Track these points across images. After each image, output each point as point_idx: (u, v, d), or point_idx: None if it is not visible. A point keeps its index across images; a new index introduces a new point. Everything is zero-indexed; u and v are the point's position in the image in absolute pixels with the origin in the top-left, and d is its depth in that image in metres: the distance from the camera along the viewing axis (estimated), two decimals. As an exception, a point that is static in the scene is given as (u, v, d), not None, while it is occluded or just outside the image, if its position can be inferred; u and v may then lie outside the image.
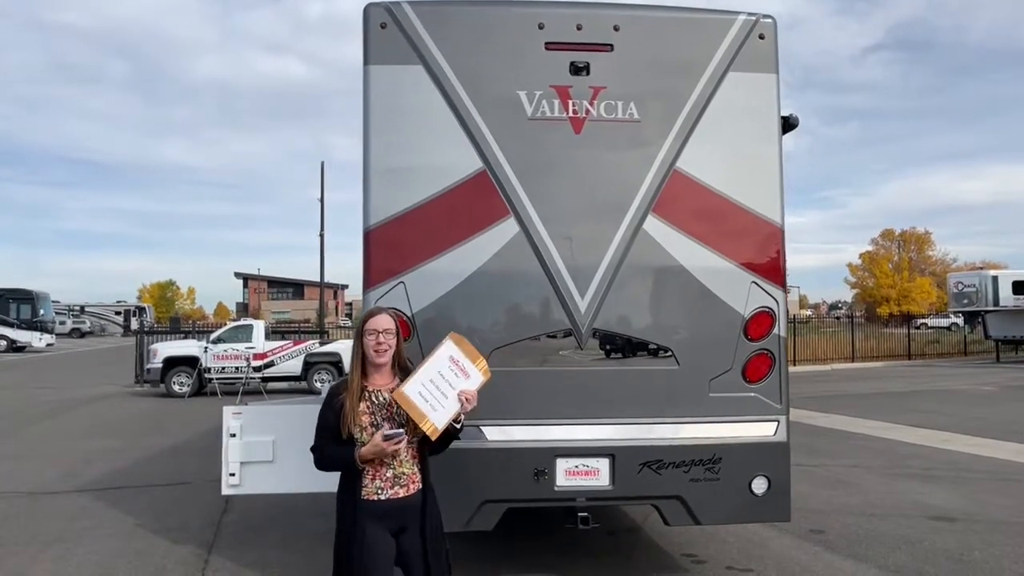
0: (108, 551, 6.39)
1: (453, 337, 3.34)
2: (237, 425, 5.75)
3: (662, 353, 4.98)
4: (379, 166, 4.94)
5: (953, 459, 10.22)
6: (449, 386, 3.30)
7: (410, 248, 4.88)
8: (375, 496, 3.37)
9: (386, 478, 3.39)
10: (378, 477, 3.38)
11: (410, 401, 3.26)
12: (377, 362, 3.44)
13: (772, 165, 5.12)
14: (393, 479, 3.40)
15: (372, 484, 3.38)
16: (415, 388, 3.27)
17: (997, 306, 28.29)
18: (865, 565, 5.79)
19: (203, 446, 11.52)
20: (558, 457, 4.85)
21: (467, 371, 3.33)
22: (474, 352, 3.38)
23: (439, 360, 3.30)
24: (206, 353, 19.11)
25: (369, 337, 3.43)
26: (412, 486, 3.44)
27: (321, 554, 6.16)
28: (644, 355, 5.00)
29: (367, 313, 3.56)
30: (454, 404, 3.32)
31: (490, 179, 4.90)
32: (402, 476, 3.42)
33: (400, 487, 3.41)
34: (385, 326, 3.44)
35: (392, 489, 3.39)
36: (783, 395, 5.06)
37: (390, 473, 3.39)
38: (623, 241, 4.92)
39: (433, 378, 3.28)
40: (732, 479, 4.94)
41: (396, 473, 3.40)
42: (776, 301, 5.06)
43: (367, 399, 3.41)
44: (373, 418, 3.39)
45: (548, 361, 4.95)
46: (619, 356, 5.01)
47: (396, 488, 3.40)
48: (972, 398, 17.61)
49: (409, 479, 3.44)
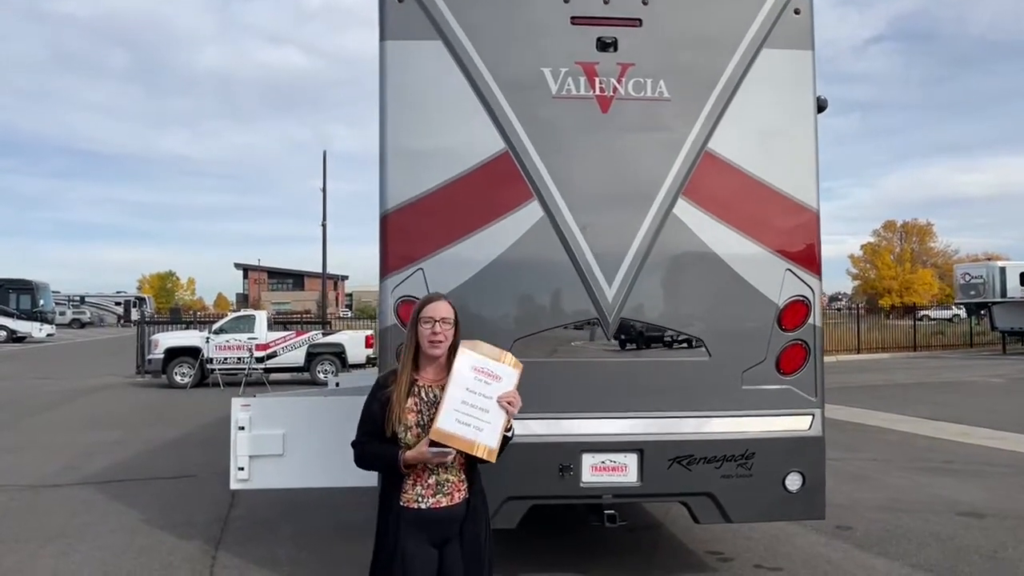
0: (112, 547, 6.18)
1: (466, 345, 3.03)
2: (246, 418, 5.54)
3: (693, 344, 4.76)
4: (396, 147, 4.71)
5: (972, 452, 10.02)
6: (484, 398, 2.97)
7: (429, 233, 4.65)
8: (415, 504, 3.06)
9: (428, 484, 3.06)
10: (420, 483, 3.06)
11: (450, 435, 2.92)
12: (431, 354, 3.10)
13: (808, 146, 4.88)
14: (436, 486, 3.07)
15: (413, 490, 3.07)
16: (450, 419, 2.92)
17: (1004, 297, 28.05)
18: (897, 563, 5.58)
19: (207, 438, 11.33)
20: (584, 452, 4.64)
21: (496, 373, 3.01)
22: (494, 351, 3.07)
23: (461, 376, 2.96)
24: (208, 344, 18.89)
25: (425, 326, 3.09)
26: (457, 495, 3.10)
27: (333, 551, 5.98)
28: (674, 346, 4.78)
29: (424, 299, 3.21)
30: (498, 415, 2.99)
31: (513, 161, 4.67)
32: (446, 483, 3.08)
33: (443, 496, 3.08)
34: (443, 314, 3.10)
35: (434, 498, 3.06)
36: (818, 388, 4.84)
37: (432, 479, 3.06)
38: (652, 226, 4.69)
39: (464, 398, 2.94)
40: (765, 475, 4.73)
41: (439, 480, 3.07)
42: (812, 289, 4.84)
43: (416, 394, 3.09)
44: (420, 417, 3.05)
45: (573, 352, 4.72)
46: (647, 347, 4.78)
47: (439, 496, 3.07)
48: (982, 390, 17.42)
49: (454, 487, 3.09)
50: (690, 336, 4.76)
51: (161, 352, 19.14)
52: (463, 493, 3.11)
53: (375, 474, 4.68)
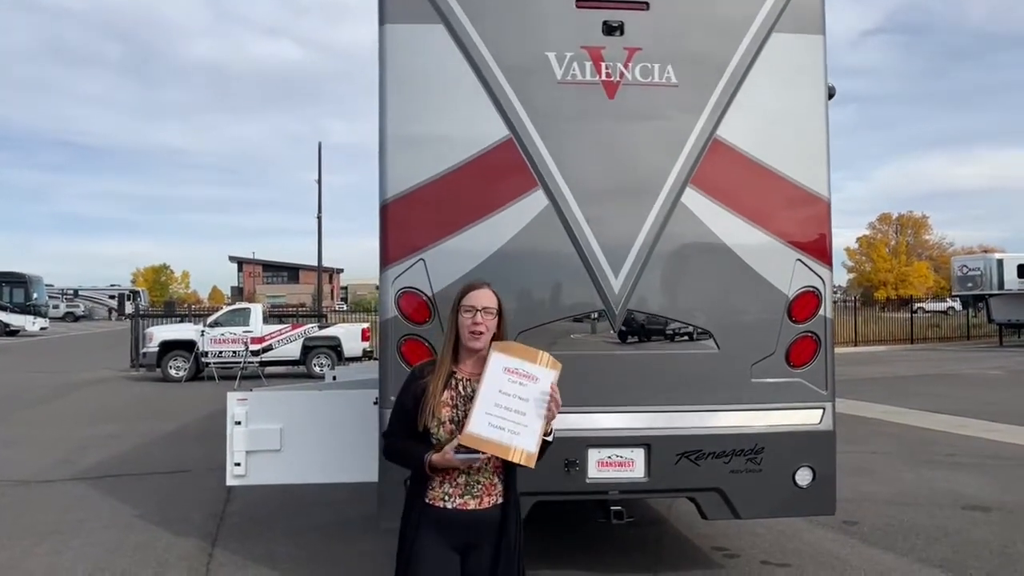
0: (106, 544, 6.06)
1: (497, 347, 2.83)
2: (242, 412, 5.43)
3: (701, 336, 4.65)
4: (396, 134, 4.58)
5: (974, 445, 9.95)
6: (520, 400, 2.76)
7: (431, 223, 4.52)
8: (440, 503, 2.85)
9: (456, 483, 2.85)
10: (448, 481, 2.85)
11: (483, 439, 2.71)
12: (471, 346, 2.88)
13: (819, 134, 4.76)
14: (464, 487, 2.85)
15: (440, 488, 2.86)
16: (483, 422, 2.72)
17: (1002, 290, 28.04)
18: (906, 559, 5.49)
19: (203, 431, 11.21)
20: (590, 447, 4.53)
21: (531, 374, 2.79)
22: (529, 351, 2.85)
23: (494, 377, 2.77)
24: (203, 337, 18.75)
25: (466, 315, 2.87)
26: (487, 499, 2.86)
27: (332, 548, 5.87)
28: (682, 338, 4.66)
29: (466, 286, 2.98)
30: (536, 417, 2.77)
31: (516, 148, 4.54)
32: (475, 485, 2.85)
33: (472, 497, 2.85)
34: (485, 303, 2.88)
35: (461, 498, 2.84)
36: (829, 381, 4.74)
37: (462, 478, 2.84)
38: (660, 215, 4.57)
39: (498, 401, 2.74)
40: (775, 470, 4.63)
41: (469, 480, 2.84)
42: (823, 280, 4.73)
43: (453, 387, 2.89)
44: (455, 412, 2.84)
45: (579, 345, 4.61)
46: (655, 339, 4.67)
47: (466, 498, 2.85)
48: (981, 382, 17.37)
49: (484, 489, 2.86)
50: (698, 328, 4.65)
51: (156, 345, 19.00)
52: (495, 497, 2.89)
53: (375, 470, 4.58)
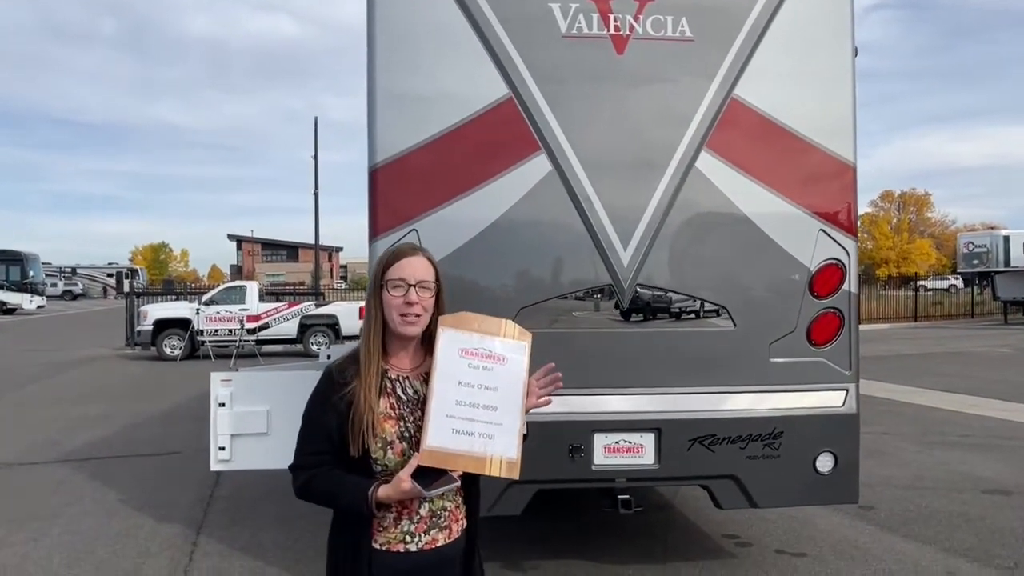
0: (87, 531, 5.77)
1: (446, 322, 2.11)
2: (227, 394, 5.10)
3: (716, 313, 4.31)
4: (386, 93, 4.21)
5: (987, 425, 9.66)
6: (487, 390, 2.08)
7: (424, 189, 4.17)
8: (400, 546, 2.10)
9: (419, 516, 2.12)
10: (406, 515, 2.11)
11: (450, 453, 2.02)
12: (403, 332, 2.12)
13: (844, 93, 4.39)
14: (430, 519, 2.13)
15: (397, 528, 2.10)
16: (444, 430, 2.03)
17: (1008, 267, 27.68)
18: (930, 548, 5.20)
19: (195, 412, 10.87)
20: (596, 432, 4.21)
21: (495, 353, 2.10)
22: (488, 321, 2.13)
23: (449, 365, 2.07)
24: (198, 315, 18.43)
25: (394, 292, 2.10)
26: (455, 526, 2.18)
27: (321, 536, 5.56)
28: (696, 315, 4.33)
29: (390, 253, 2.17)
30: (512, 411, 2.08)
31: (517, 108, 4.17)
32: (442, 513, 2.15)
33: (440, 530, 2.14)
34: (420, 275, 2.11)
35: (428, 534, 2.12)
36: (853, 360, 4.41)
37: (425, 510, 2.12)
38: (672, 181, 4.22)
39: (459, 397, 2.06)
40: (794, 456, 4.31)
41: (434, 509, 2.14)
42: (847, 252, 4.38)
43: (390, 392, 2.13)
44: (402, 425, 2.10)
45: (585, 322, 4.27)
46: (666, 316, 4.33)
47: (434, 532, 2.13)
48: (989, 360, 17.08)
49: (451, 516, 2.17)
50: (713, 304, 4.31)
51: (150, 324, 18.68)
52: (461, 522, 2.21)
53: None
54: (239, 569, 5.01)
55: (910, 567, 4.85)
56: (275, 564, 5.08)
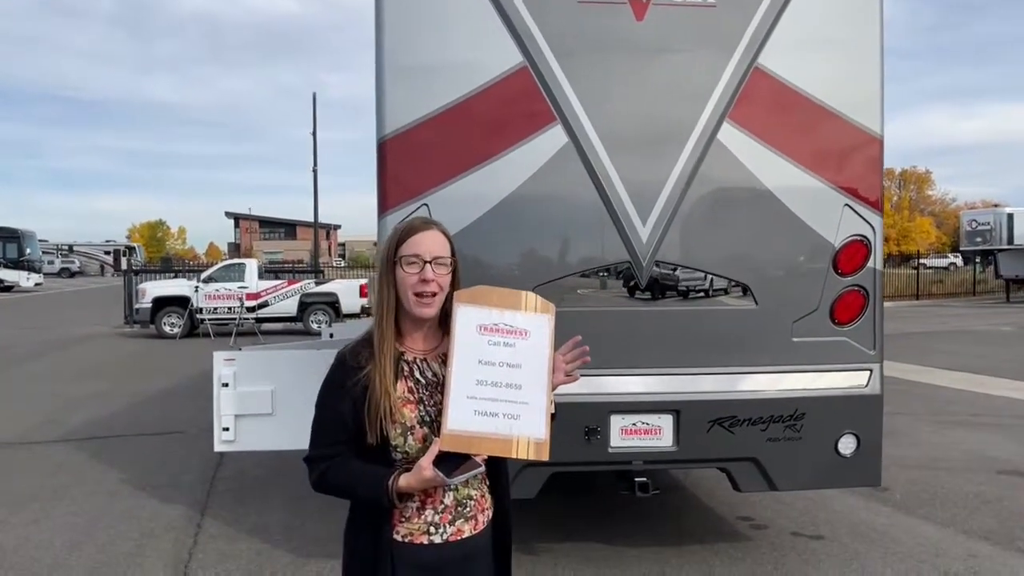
0: (89, 512, 5.67)
1: (462, 297, 1.97)
2: (230, 373, 4.97)
3: (737, 290, 4.17)
4: (395, 63, 4.04)
5: (997, 405, 9.58)
6: (510, 368, 1.94)
7: (435, 162, 4.01)
8: (424, 538, 1.97)
9: (444, 506, 1.99)
10: (430, 505, 1.98)
11: (473, 436, 1.90)
12: (419, 313, 1.98)
13: (872, 64, 4.22)
14: (455, 508, 2.00)
15: (420, 518, 1.98)
16: (466, 412, 1.90)
17: (1012, 244, 27.53)
18: (949, 530, 5.10)
19: (196, 390, 10.78)
20: (613, 413, 4.08)
21: (517, 327, 1.97)
22: (507, 294, 2.00)
23: (468, 343, 1.94)
24: (197, 293, 18.28)
25: (408, 269, 1.96)
26: (481, 516, 2.05)
27: (328, 518, 5.46)
28: (716, 293, 4.18)
29: (403, 228, 2.03)
30: (538, 388, 1.95)
31: (532, 77, 4.00)
32: (467, 503, 2.02)
33: (465, 520, 2.02)
34: (436, 251, 1.97)
35: (453, 525, 1.99)
36: (877, 340, 4.27)
37: (450, 498, 1.99)
38: (694, 154, 4.05)
39: (480, 376, 1.93)
40: (816, 438, 4.19)
41: (459, 498, 2.01)
42: (872, 228, 4.23)
43: (406, 375, 2.00)
44: (422, 409, 1.97)
45: (602, 300, 4.13)
46: (686, 294, 4.19)
47: (459, 522, 2.00)
48: (994, 339, 16.99)
49: (477, 506, 2.04)
50: (734, 281, 4.17)
51: (149, 301, 18.53)
52: (488, 511, 2.08)
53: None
54: (246, 552, 4.90)
55: (931, 550, 4.76)
56: (282, 547, 4.97)
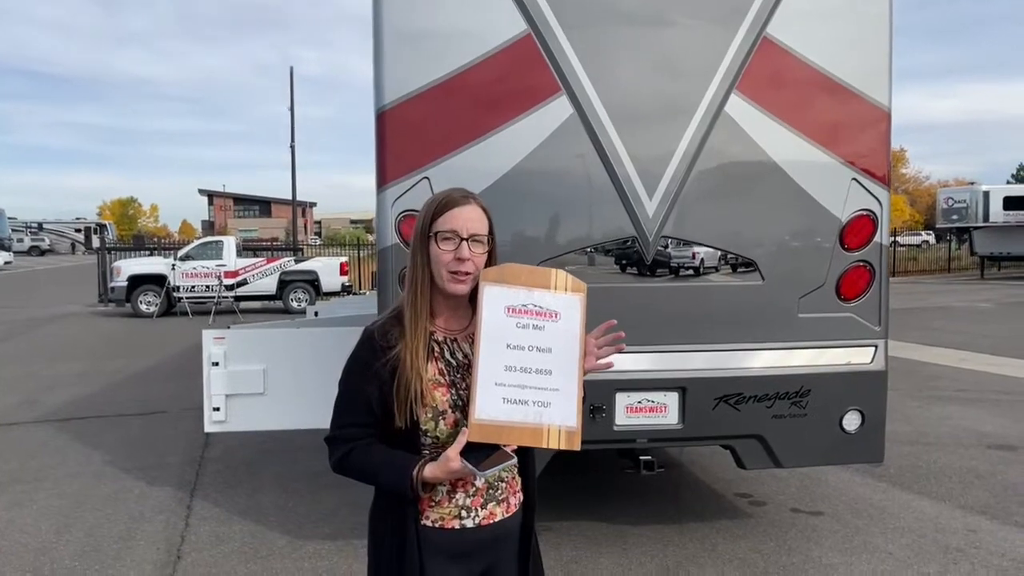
0: (73, 494, 5.53)
1: (489, 277, 1.84)
2: (220, 352, 4.84)
3: (744, 266, 4.11)
4: (396, 30, 3.90)
5: (981, 380, 9.67)
6: (540, 352, 1.83)
7: (437, 134, 3.89)
8: (456, 522, 1.89)
9: (476, 489, 1.90)
10: (462, 489, 1.89)
11: (502, 427, 1.78)
12: (452, 290, 1.86)
13: (881, 34, 4.15)
14: (487, 492, 1.92)
15: (450, 503, 1.89)
16: (494, 399, 1.78)
17: (987, 222, 27.84)
18: (946, 505, 5.12)
19: (177, 369, 10.63)
20: (618, 391, 4.02)
21: (547, 309, 1.85)
22: (536, 272, 1.88)
23: (496, 326, 1.82)
24: (174, 271, 17.97)
25: (444, 245, 1.84)
26: (513, 499, 1.98)
27: (323, 498, 5.37)
28: (723, 269, 4.12)
29: (439, 200, 1.90)
30: (569, 374, 1.84)
31: (536, 45, 3.88)
32: (499, 485, 1.94)
33: (497, 503, 1.93)
34: (473, 229, 1.85)
35: (485, 508, 1.91)
36: (883, 316, 4.24)
37: (481, 481, 1.90)
38: (701, 126, 3.96)
39: (508, 361, 1.81)
40: (821, 415, 4.16)
41: (491, 481, 1.92)
42: (879, 203, 4.18)
43: (438, 356, 1.89)
44: (454, 393, 1.86)
45: (607, 277, 4.05)
46: (692, 270, 4.12)
47: (491, 506, 1.92)
48: (972, 315, 17.19)
49: (508, 489, 1.97)
50: (741, 257, 4.10)
51: (124, 280, 18.18)
52: (519, 495, 2.01)
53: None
54: (240, 533, 4.80)
55: (930, 525, 4.77)
56: (277, 528, 4.87)
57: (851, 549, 4.43)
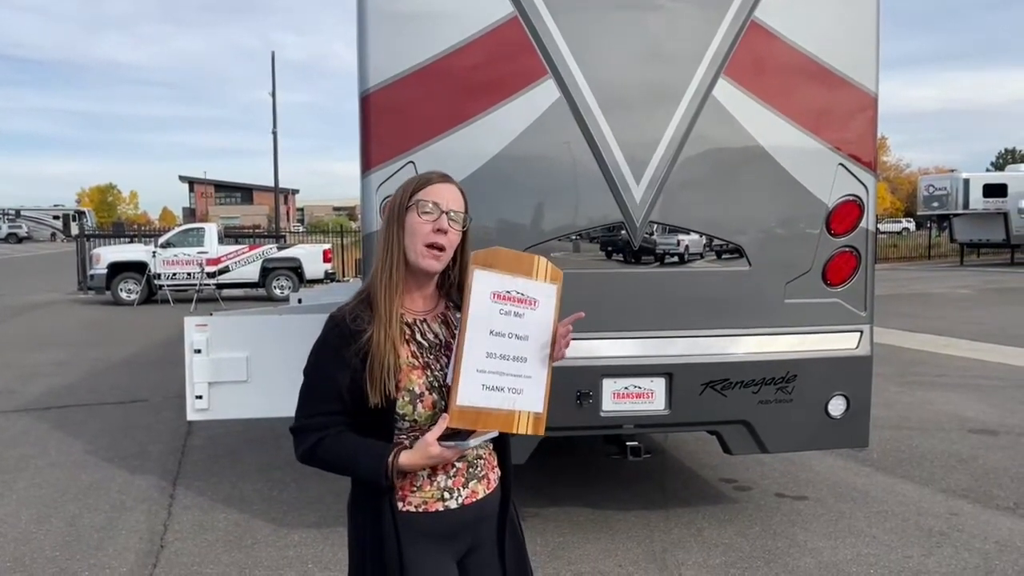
0: (54, 484, 5.46)
1: (479, 260, 1.83)
2: (203, 339, 4.77)
3: (731, 252, 4.10)
4: (379, 10, 3.84)
5: (962, 365, 9.77)
6: (518, 340, 1.83)
7: (422, 118, 3.84)
8: (439, 504, 1.86)
9: (456, 469, 1.88)
10: (442, 471, 1.86)
11: (480, 412, 1.78)
12: (424, 266, 1.83)
13: (868, 20, 4.13)
14: (467, 470, 1.90)
15: (431, 486, 1.85)
16: (474, 388, 1.77)
17: (967, 209, 28.09)
18: (928, 489, 5.17)
19: (158, 358, 10.53)
20: (605, 377, 4.01)
21: (528, 296, 1.85)
22: (521, 258, 1.88)
23: (481, 312, 1.80)
24: (155, 258, 17.79)
25: (424, 217, 1.82)
26: (491, 475, 1.97)
27: (307, 486, 5.34)
28: (710, 255, 4.10)
29: (420, 178, 1.90)
30: (539, 362, 1.85)
31: (523, 28, 3.83)
32: (478, 462, 1.93)
33: (478, 480, 1.92)
34: (453, 205, 1.85)
35: (467, 487, 1.90)
36: (868, 301, 4.25)
37: (461, 461, 1.89)
38: (689, 112, 3.94)
39: (490, 348, 1.80)
40: (807, 400, 4.17)
41: (470, 459, 1.91)
42: (866, 188, 4.18)
43: (410, 338, 1.86)
44: (428, 375, 1.83)
45: (593, 263, 4.03)
46: (679, 256, 4.11)
47: (473, 484, 1.91)
48: (953, 301, 17.36)
49: (487, 465, 1.96)
50: (728, 242, 4.09)
51: (104, 267, 18.00)
52: (496, 470, 2.00)
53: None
54: (223, 522, 4.76)
55: (912, 509, 4.81)
56: (260, 516, 4.84)
57: (835, 533, 4.46)
